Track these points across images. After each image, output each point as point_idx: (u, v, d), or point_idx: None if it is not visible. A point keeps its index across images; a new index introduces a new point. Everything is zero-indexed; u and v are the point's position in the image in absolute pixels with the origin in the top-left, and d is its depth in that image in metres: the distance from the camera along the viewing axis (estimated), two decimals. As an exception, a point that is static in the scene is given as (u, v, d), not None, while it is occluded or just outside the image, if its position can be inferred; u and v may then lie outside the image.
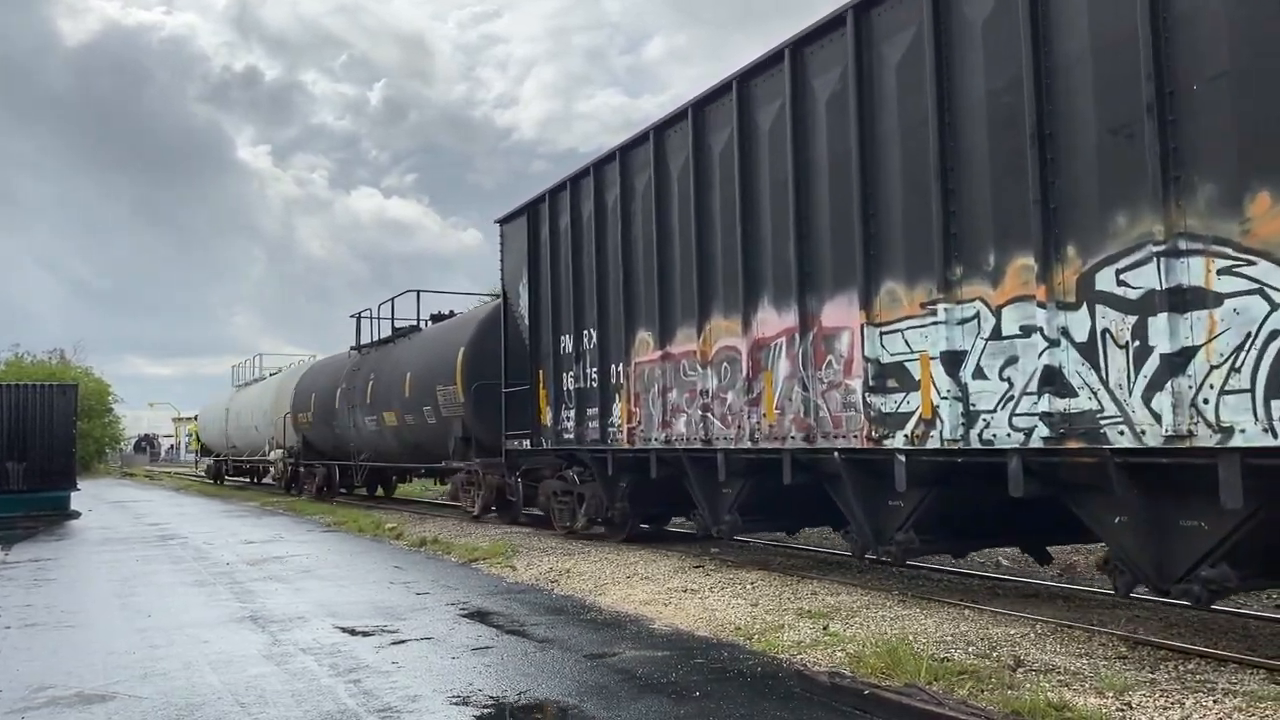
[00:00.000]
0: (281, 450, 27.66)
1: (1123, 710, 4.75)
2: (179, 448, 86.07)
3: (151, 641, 7.35)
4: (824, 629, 6.85)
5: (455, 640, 7.10)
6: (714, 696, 5.40)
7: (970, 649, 6.10)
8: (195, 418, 50.77)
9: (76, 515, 21.11)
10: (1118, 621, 6.97)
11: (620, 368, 11.29)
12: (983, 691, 5.12)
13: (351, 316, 23.81)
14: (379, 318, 22.88)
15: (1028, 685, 5.18)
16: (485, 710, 5.28)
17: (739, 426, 9.12)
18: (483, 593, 9.33)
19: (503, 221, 14.63)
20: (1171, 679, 5.31)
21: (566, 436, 12.55)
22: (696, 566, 10.17)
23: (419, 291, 21.84)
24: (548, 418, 13.06)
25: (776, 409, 8.62)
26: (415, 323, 21.25)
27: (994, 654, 5.95)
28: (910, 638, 6.37)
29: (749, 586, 8.79)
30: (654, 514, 13.07)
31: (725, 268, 9.45)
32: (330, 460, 25.15)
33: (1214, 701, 4.81)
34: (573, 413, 12.36)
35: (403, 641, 7.11)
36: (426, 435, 18.35)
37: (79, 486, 22.42)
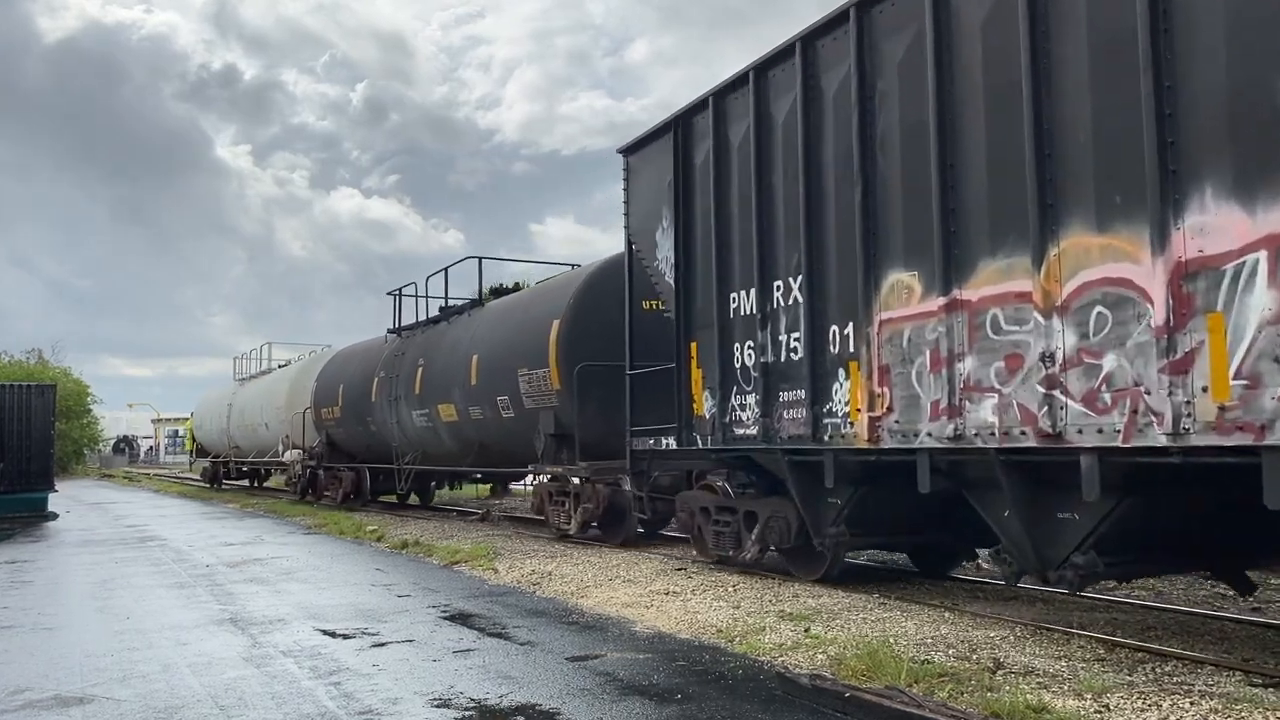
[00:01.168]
0: (298, 451, 24.34)
1: (1101, 712, 4.79)
2: (158, 449, 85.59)
3: (130, 644, 7.30)
4: (805, 631, 6.87)
5: (437, 643, 7.09)
6: (696, 699, 5.41)
7: (950, 651, 6.13)
8: (189, 416, 48.84)
9: (54, 517, 20.95)
10: (1096, 624, 7.02)
11: (848, 330, 7.86)
12: (963, 694, 5.15)
13: (390, 294, 20.09)
14: (425, 296, 19.17)
15: (1007, 687, 5.21)
16: (466, 713, 5.27)
17: (1135, 410, 5.58)
18: (464, 595, 9.32)
19: (628, 151, 11.19)
20: (1149, 681, 5.35)
21: (742, 432, 9.06)
22: (679, 569, 10.18)
23: (480, 259, 17.55)
24: (706, 406, 9.56)
25: (1240, 379, 5.06)
26: (475, 297, 17.47)
27: (974, 656, 5.98)
28: (891, 640, 6.40)
29: (731, 589, 8.80)
30: (891, 543, 9.80)
31: (1101, 142, 5.84)
32: (361, 463, 21.77)
33: (1191, 703, 4.85)
34: (754, 398, 8.89)
35: (384, 644, 7.09)
36: (499, 433, 15.16)
37: (57, 488, 22.24)
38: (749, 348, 9.03)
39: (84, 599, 9.68)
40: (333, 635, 7.47)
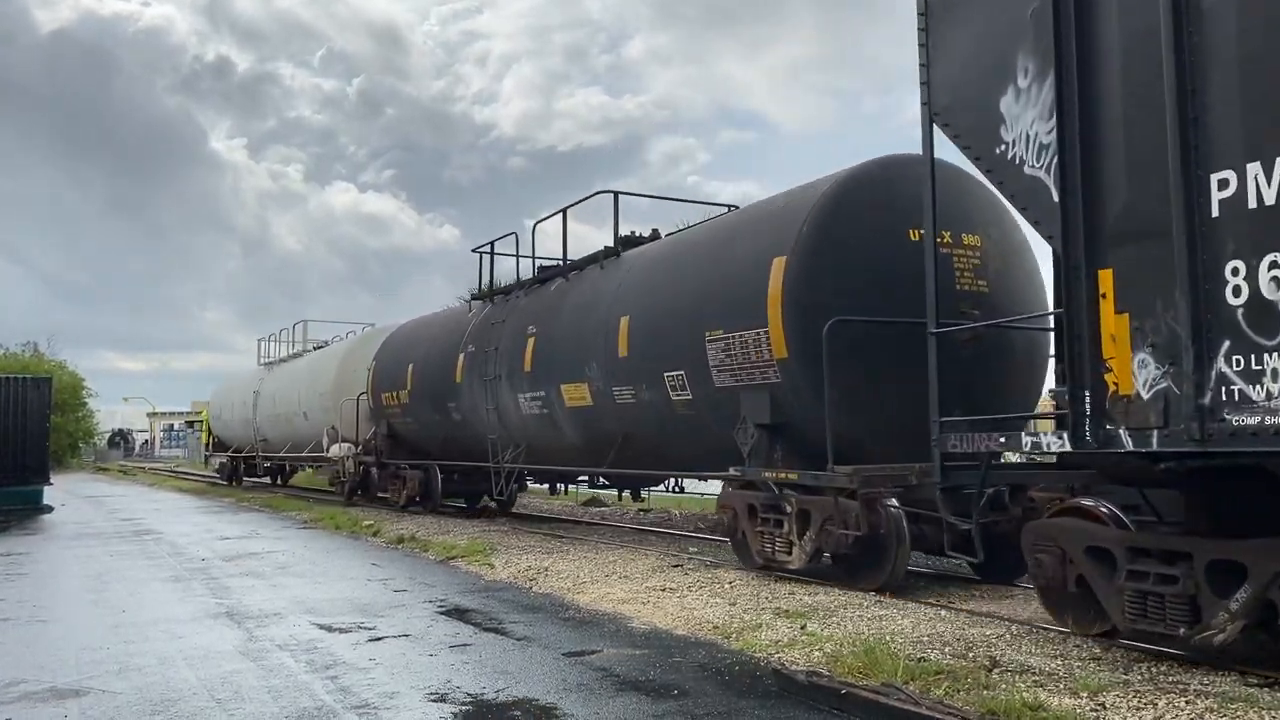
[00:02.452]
0: (347, 445, 20.60)
1: (1096, 710, 4.79)
2: (153, 444, 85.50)
3: (126, 637, 7.29)
4: (801, 628, 6.87)
5: (433, 637, 7.09)
6: (692, 695, 5.42)
7: (946, 649, 6.14)
8: (188, 409, 45.71)
9: (49, 510, 20.90)
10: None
11: None
12: (959, 691, 5.16)
13: (476, 250, 16.47)
14: (520, 255, 15.52)
15: (1003, 685, 5.22)
16: (463, 707, 5.27)
17: None
18: (461, 590, 9.32)
19: None
20: (1144, 680, 5.36)
21: (1262, 420, 4.86)
22: (675, 565, 10.18)
23: (616, 193, 13.26)
24: (1141, 378, 5.57)
25: None
26: (610, 245, 13.06)
27: (970, 654, 5.99)
28: (887, 638, 6.41)
29: (727, 586, 8.81)
30: None
31: None
32: (434, 459, 18.03)
33: (1186, 702, 4.86)
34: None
35: (380, 638, 7.09)
36: (662, 422, 10.91)
37: (52, 481, 22.20)
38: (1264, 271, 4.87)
39: (79, 592, 9.67)
40: (329, 629, 7.47)
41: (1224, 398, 5.07)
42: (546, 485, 18.11)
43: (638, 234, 13.13)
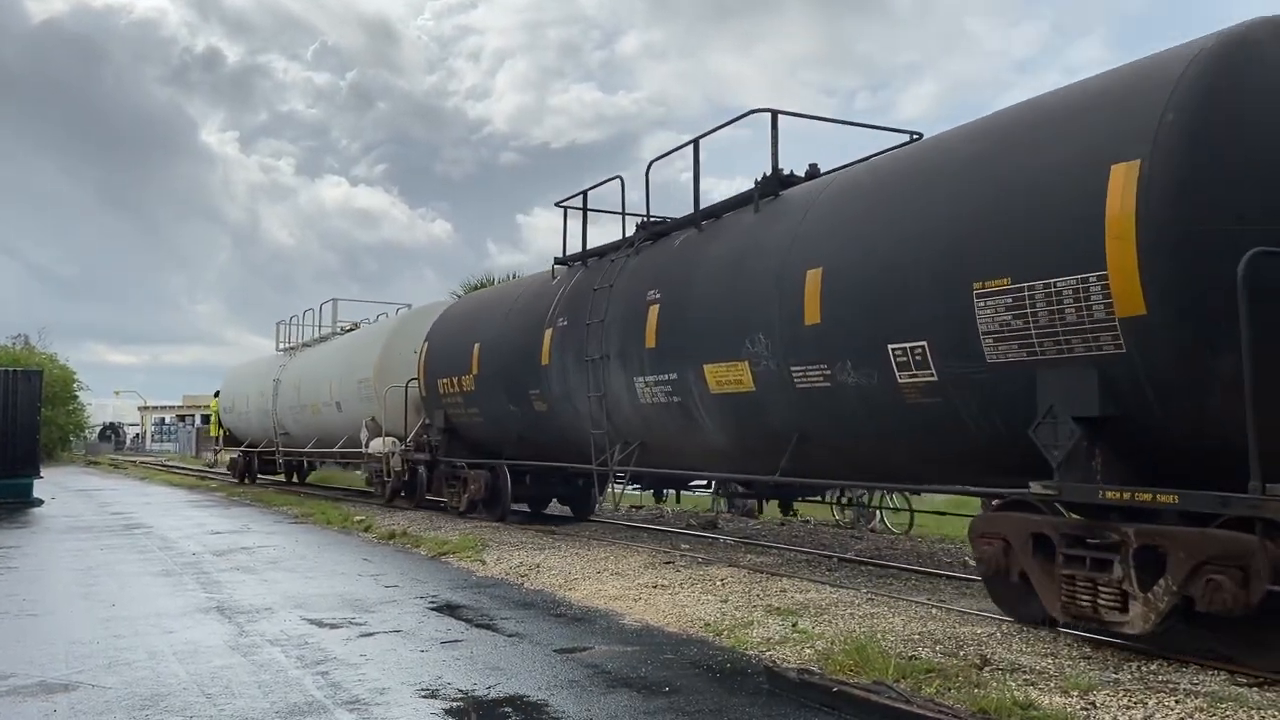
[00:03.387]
0: (391, 440, 17.94)
1: (1087, 709, 4.81)
2: (144, 437, 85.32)
3: (115, 631, 7.27)
4: (793, 626, 6.88)
5: (424, 633, 7.08)
6: (684, 692, 5.42)
7: (938, 647, 6.15)
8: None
9: (40, 503, 20.83)
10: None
11: None
12: (950, 690, 5.17)
13: (559, 204, 13.62)
14: (605, 212, 13.10)
15: (994, 684, 5.23)
16: (454, 703, 5.26)
17: None
18: (452, 586, 9.31)
19: None
20: (1134, 679, 5.38)
21: None
22: (667, 563, 10.18)
23: (774, 111, 9.87)
24: None
25: None
26: (761, 180, 9.85)
27: (961, 652, 6.00)
28: (878, 635, 6.42)
29: (719, 583, 8.81)
30: None
31: None
32: (504, 458, 14.96)
33: (1176, 702, 4.87)
34: None
35: (371, 634, 7.08)
36: (877, 414, 7.79)
37: (42, 474, 22.12)
38: None
39: (69, 586, 9.64)
40: (320, 624, 7.45)
41: None
42: (644, 490, 14.52)
43: (789, 172, 9.98)
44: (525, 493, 15.53)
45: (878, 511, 14.91)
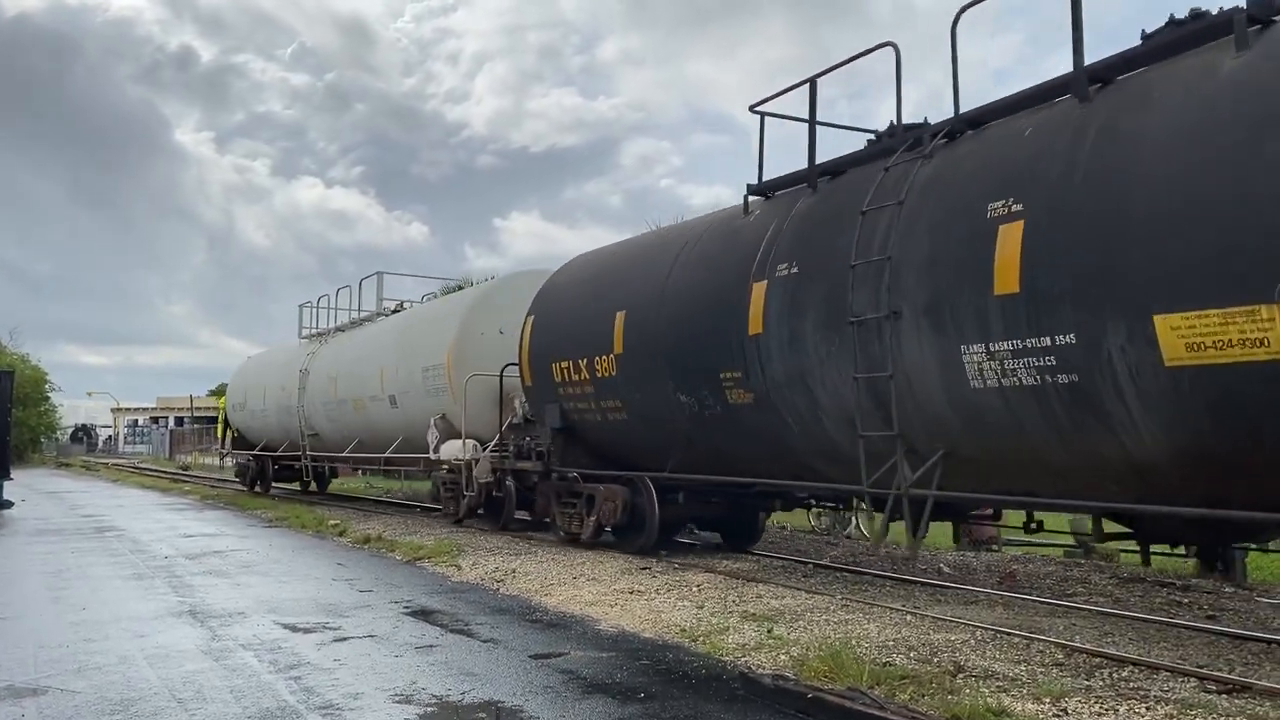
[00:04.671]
0: (473, 445, 14.22)
1: (1059, 716, 4.84)
2: (117, 439, 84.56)
3: (86, 635, 7.19)
4: (768, 632, 6.89)
5: (399, 638, 7.04)
6: (659, 698, 5.41)
7: (912, 654, 6.17)
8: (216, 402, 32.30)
9: (9, 505, 20.56)
10: (1055, 629, 7.10)
11: None
12: (924, 696, 5.19)
13: (755, 109, 9.60)
14: (810, 122, 9.16)
15: (967, 690, 5.26)
16: (428, 709, 5.24)
17: None
18: (427, 591, 9.27)
19: None
20: (1106, 686, 5.42)
21: None
22: (643, 568, 10.18)
23: None
24: None
25: None
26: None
27: (935, 659, 6.03)
28: (853, 642, 6.44)
29: (695, 589, 8.82)
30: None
31: None
32: (650, 470, 11.10)
33: (1147, 709, 4.92)
34: None
35: (345, 639, 7.03)
36: None
37: (12, 476, 21.86)
38: None
39: (39, 589, 9.53)
40: (293, 629, 7.40)
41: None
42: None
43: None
44: (675, 514, 11.51)
45: (852, 518, 14.93)
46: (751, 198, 9.96)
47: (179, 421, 77.08)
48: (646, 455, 11.22)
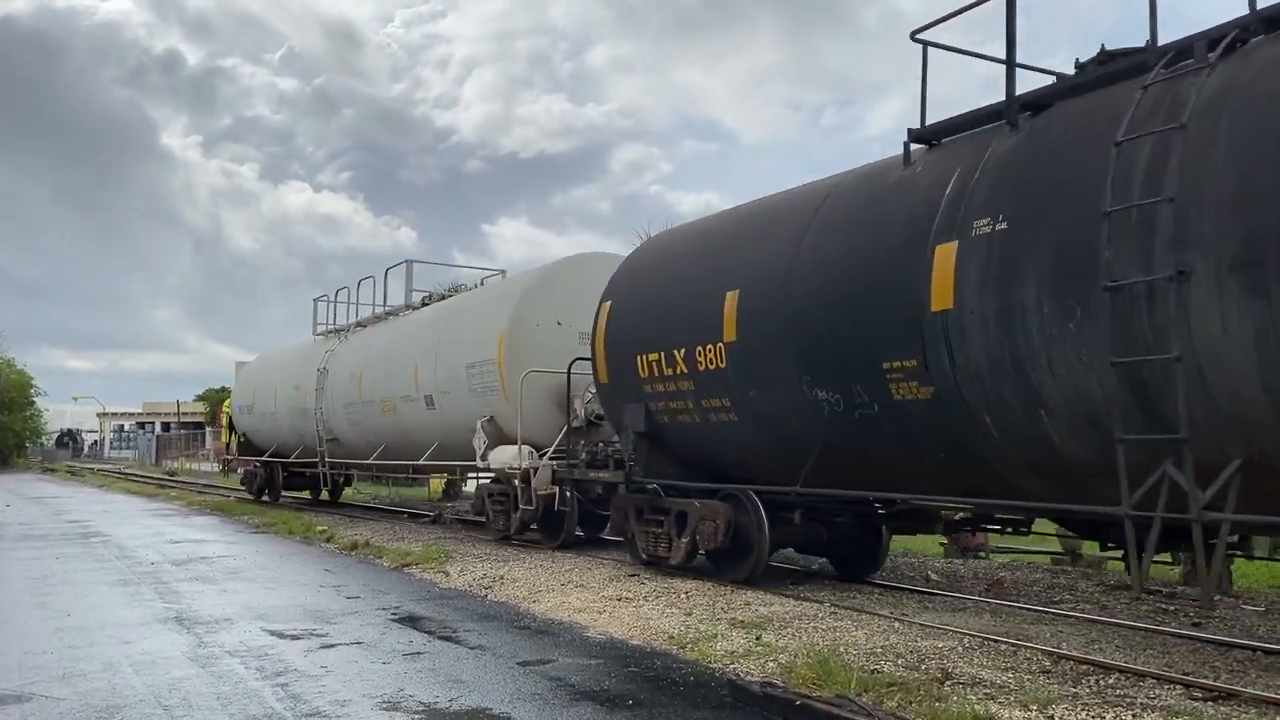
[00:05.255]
0: (529, 451, 12.53)
1: (1046, 723, 4.86)
2: (103, 444, 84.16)
3: (71, 642, 7.15)
4: (756, 639, 6.89)
5: (386, 645, 7.02)
6: (647, 705, 5.41)
7: (900, 661, 6.18)
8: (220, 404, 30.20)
9: (-7, 510, 20.48)
10: (1042, 636, 7.12)
11: None
12: (911, 703, 5.20)
13: (916, 36, 7.92)
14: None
15: (955, 697, 5.27)
16: (416, 716, 5.22)
17: None
18: (415, 598, 9.24)
19: None
20: (1092, 693, 5.44)
21: None
22: (632, 575, 10.17)
23: None
24: None
25: None
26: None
27: (923, 666, 6.04)
28: (841, 649, 6.44)
29: (683, 596, 8.81)
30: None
31: None
32: (749, 483, 9.37)
33: (1133, 716, 4.94)
34: None
35: (332, 645, 7.01)
36: None
37: (-3, 481, 21.75)
38: None
39: (23, 595, 9.47)
40: (280, 636, 7.37)
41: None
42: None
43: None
44: (787, 536, 9.68)
45: None
46: (915, 146, 8.02)
47: (165, 427, 76.81)
48: (759, 465, 9.34)
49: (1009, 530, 8.75)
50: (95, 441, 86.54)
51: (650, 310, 10.38)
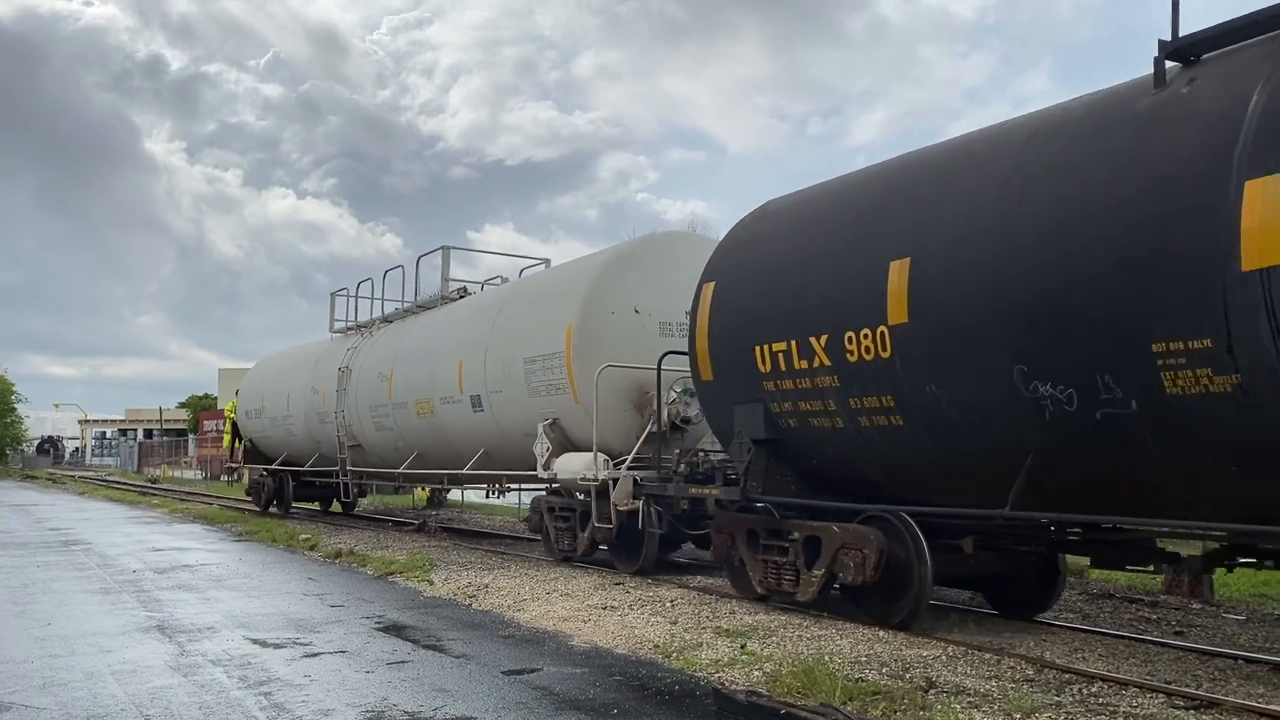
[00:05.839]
0: (603, 459, 10.87)
1: (1029, 732, 4.87)
2: (84, 451, 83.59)
3: (51, 650, 7.10)
4: (741, 648, 6.89)
5: (370, 654, 6.99)
6: (632, 714, 5.40)
7: (884, 670, 6.20)
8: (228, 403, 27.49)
9: (-27, 518, 20.30)
10: (1026, 645, 7.15)
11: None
12: (896, 712, 5.21)
13: None
14: None
15: (939, 706, 5.28)
16: (400, 725, 5.20)
17: None
18: (399, 606, 9.21)
19: None
20: (1076, 702, 5.46)
21: None
22: (617, 584, 10.16)
23: None
24: None
25: None
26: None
27: (907, 675, 6.05)
28: (826, 658, 6.45)
29: (668, 605, 8.81)
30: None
31: None
32: (900, 503, 7.73)
33: (1116, 724, 4.96)
34: None
35: (316, 654, 6.97)
36: None
37: (-24, 488, 21.58)
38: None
39: (3, 604, 9.38)
40: (263, 644, 7.33)
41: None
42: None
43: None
44: (952, 568, 7.90)
45: None
46: (1169, 64, 6.09)
47: (148, 434, 76.40)
48: (924, 481, 7.67)
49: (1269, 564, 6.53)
50: (77, 449, 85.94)
51: (776, 290, 8.47)
